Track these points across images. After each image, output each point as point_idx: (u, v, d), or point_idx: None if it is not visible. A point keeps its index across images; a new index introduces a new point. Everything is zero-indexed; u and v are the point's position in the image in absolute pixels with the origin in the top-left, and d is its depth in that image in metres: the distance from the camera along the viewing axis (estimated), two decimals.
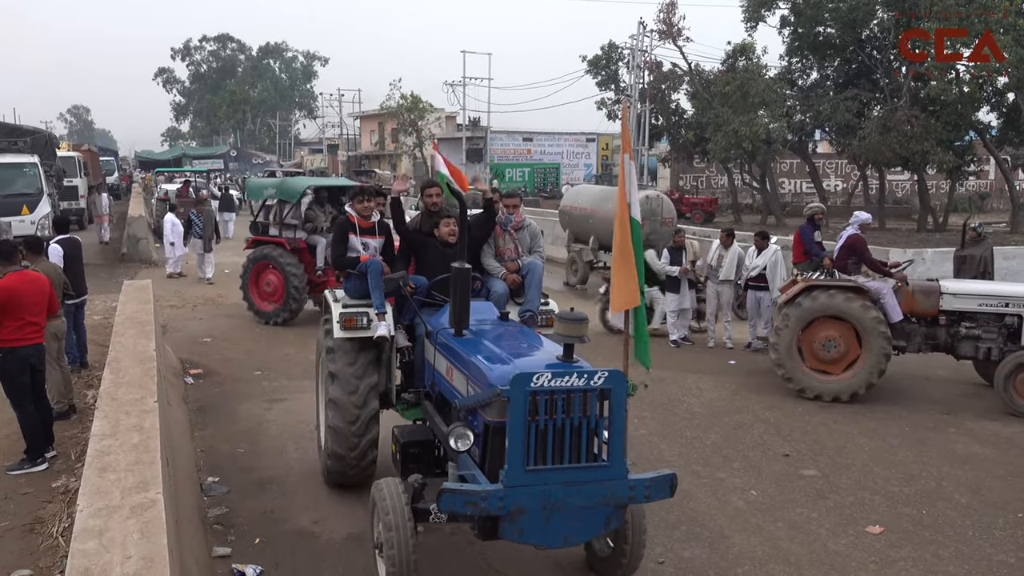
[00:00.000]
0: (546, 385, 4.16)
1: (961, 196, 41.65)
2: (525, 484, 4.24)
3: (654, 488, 4.48)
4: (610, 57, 40.27)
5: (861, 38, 31.68)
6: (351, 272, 6.38)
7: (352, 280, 6.38)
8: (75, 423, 8.09)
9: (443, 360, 5.41)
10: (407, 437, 5.59)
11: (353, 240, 6.49)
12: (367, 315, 6.07)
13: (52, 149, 22.29)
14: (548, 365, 4.44)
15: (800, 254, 11.42)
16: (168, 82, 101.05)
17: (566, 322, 4.47)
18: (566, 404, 4.25)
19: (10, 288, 7.03)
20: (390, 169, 58.60)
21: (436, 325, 5.76)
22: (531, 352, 5.00)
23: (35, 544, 5.62)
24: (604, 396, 4.30)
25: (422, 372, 6.05)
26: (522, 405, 4.15)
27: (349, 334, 6.06)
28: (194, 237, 17.96)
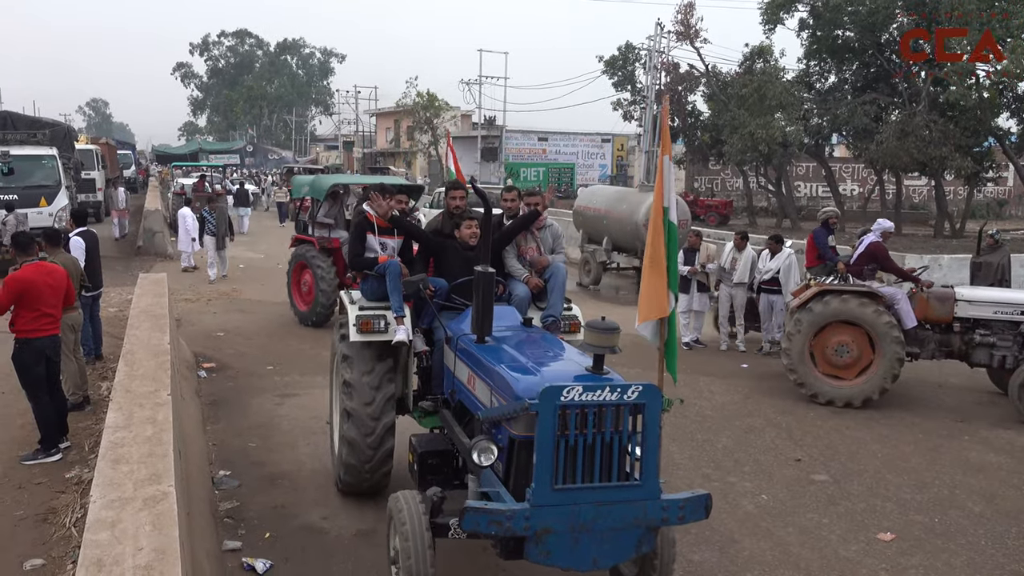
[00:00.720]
0: (577, 399, 3.93)
1: (979, 202, 41.32)
2: (553, 503, 4.00)
3: (688, 509, 4.21)
4: (627, 58, 40.17)
5: (880, 42, 31.47)
6: (368, 273, 6.17)
7: (369, 281, 6.16)
8: (89, 415, 8.16)
9: (464, 368, 5.20)
10: (425, 447, 5.29)
11: (371, 240, 6.26)
12: (384, 318, 5.83)
13: (71, 142, 22.41)
14: (577, 377, 4.23)
15: (813, 258, 11.36)
16: (186, 77, 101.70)
17: (597, 331, 4.24)
18: (597, 419, 4.01)
19: (26, 279, 7.09)
20: (405, 166, 58.71)
21: (457, 331, 5.49)
22: (558, 362, 4.80)
23: (48, 534, 5.67)
24: (637, 411, 4.07)
25: (440, 378, 5.81)
26: (551, 420, 3.92)
27: (366, 338, 5.82)
28: (207, 234, 17.49)
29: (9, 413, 8.10)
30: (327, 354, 11.14)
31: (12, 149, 18.12)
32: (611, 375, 4.26)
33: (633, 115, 41.41)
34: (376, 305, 5.99)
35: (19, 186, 17.43)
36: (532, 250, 6.40)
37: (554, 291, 6.12)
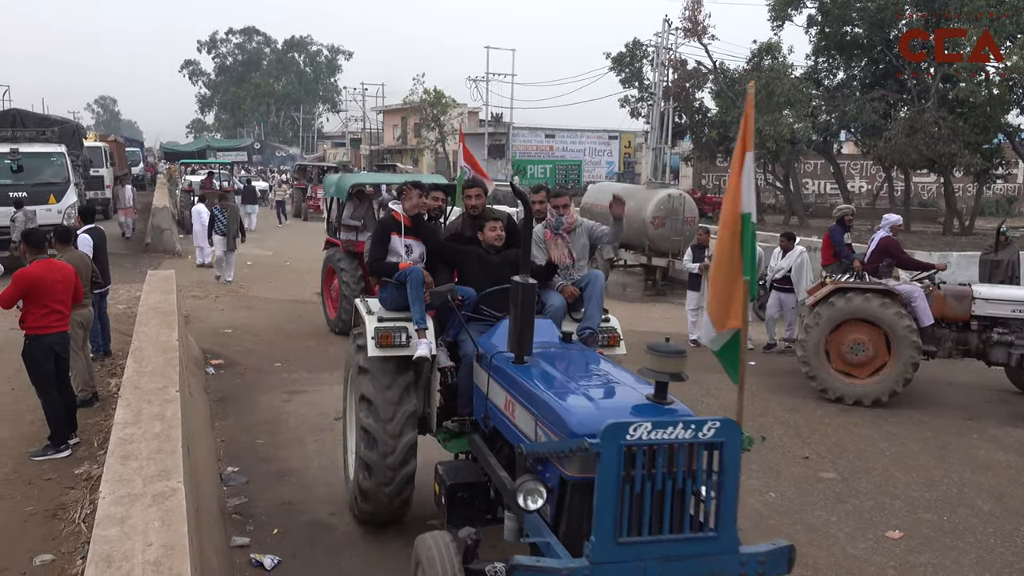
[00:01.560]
0: (645, 438, 3.38)
1: (988, 199, 41.13)
2: (616, 560, 3.44)
3: (770, 564, 3.66)
4: (634, 54, 40.03)
5: (889, 38, 31.30)
6: (388, 280, 5.66)
7: (389, 289, 5.65)
8: (98, 411, 8.19)
9: (500, 391, 4.64)
10: (455, 478, 4.71)
11: (395, 242, 5.74)
12: (406, 331, 5.36)
13: (79, 139, 22.48)
14: (639, 409, 3.75)
15: (829, 256, 11.31)
16: (194, 74, 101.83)
17: (660, 355, 3.72)
18: (668, 461, 3.46)
19: (35, 276, 7.14)
20: (412, 164, 58.73)
21: (489, 347, 4.99)
22: (613, 389, 4.23)
23: (58, 530, 5.70)
24: (713, 450, 3.52)
25: (468, 397, 5.27)
26: (616, 462, 3.37)
27: (385, 352, 5.32)
28: (216, 234, 16.86)
29: (19, 409, 8.14)
30: (334, 351, 11.23)
31: (21, 147, 18.20)
32: (675, 405, 3.80)
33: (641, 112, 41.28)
34: (396, 316, 5.51)
35: (29, 183, 17.51)
36: (565, 258, 5.95)
37: (591, 300, 5.62)
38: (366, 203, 12.55)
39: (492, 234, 5.66)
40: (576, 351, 5.01)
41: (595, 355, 4.96)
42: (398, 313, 5.55)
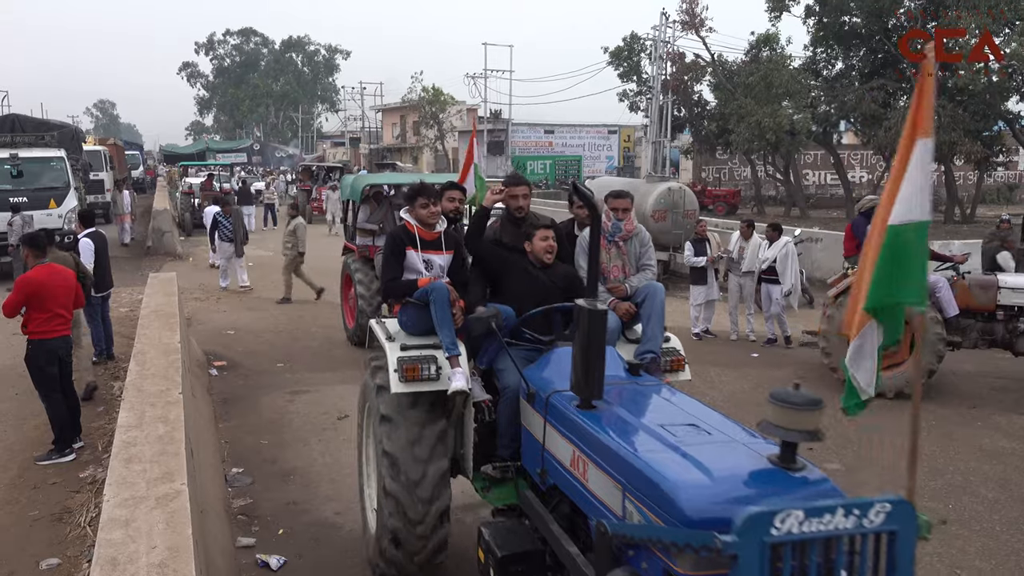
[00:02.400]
0: (796, 531, 2.57)
1: (989, 187, 41.07)
2: None
3: None
4: (632, 48, 40.03)
5: (887, 27, 31.25)
6: (409, 300, 4.81)
7: (409, 311, 4.81)
8: (102, 414, 8.20)
9: (564, 443, 3.77)
10: (507, 547, 3.87)
11: (412, 257, 4.90)
12: (435, 360, 4.52)
13: (78, 143, 22.49)
14: (764, 478, 2.94)
15: (852, 247, 11.23)
16: (192, 76, 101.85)
17: (790, 408, 2.93)
18: (823, 558, 2.66)
19: (38, 281, 7.15)
20: (412, 162, 58.69)
21: (543, 384, 4.14)
22: (722, 448, 3.25)
23: (63, 533, 5.71)
24: (881, 539, 2.75)
25: (510, 438, 4.50)
26: (759, 566, 2.56)
27: (413, 388, 4.48)
28: (221, 240, 16.21)
29: (23, 414, 8.16)
30: (336, 351, 11.26)
31: (21, 152, 18.20)
32: (809, 472, 2.99)
33: (639, 106, 41.27)
34: (421, 343, 4.67)
35: (28, 188, 17.53)
36: (617, 269, 5.21)
37: (651, 319, 4.88)
38: (383, 205, 11.67)
39: (543, 244, 4.88)
40: (651, 387, 4.14)
41: (678, 394, 4.07)
42: (423, 338, 4.71)
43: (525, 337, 4.70)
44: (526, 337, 4.69)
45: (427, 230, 4.96)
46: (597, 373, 3.69)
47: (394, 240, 5.01)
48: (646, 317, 4.89)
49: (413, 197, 5.01)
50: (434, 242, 4.98)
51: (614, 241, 5.21)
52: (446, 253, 5.01)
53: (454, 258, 5.05)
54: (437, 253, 4.97)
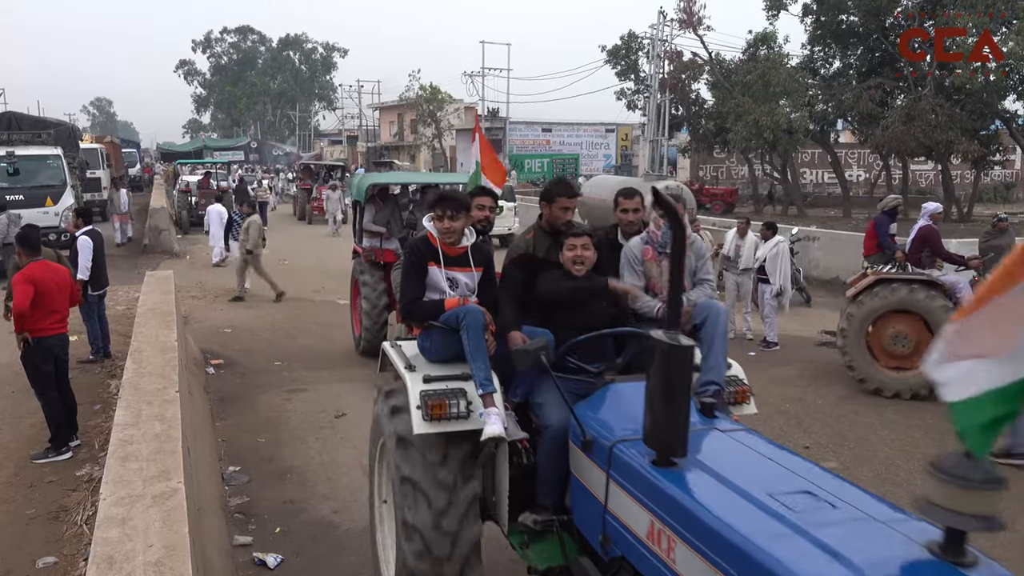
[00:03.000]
0: None
1: (986, 186, 41.13)
2: None
3: None
4: (630, 47, 40.04)
5: (885, 26, 31.29)
6: (433, 325, 4.20)
7: (434, 336, 4.21)
8: (99, 413, 8.19)
9: (637, 509, 3.10)
10: None
11: (434, 274, 4.28)
12: (464, 395, 3.91)
13: (75, 141, 22.50)
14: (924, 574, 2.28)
15: (873, 246, 11.17)
16: (189, 74, 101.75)
17: (962, 486, 2.22)
18: None
19: (36, 278, 7.13)
20: (409, 160, 58.67)
21: (601, 430, 3.49)
22: (857, 528, 2.53)
23: (60, 532, 5.70)
24: None
25: (553, 485, 3.87)
26: None
27: (438, 428, 3.87)
28: (235, 239, 15.64)
29: (19, 412, 8.14)
30: (333, 348, 11.25)
31: (17, 149, 18.20)
32: (982, 567, 2.33)
33: (637, 104, 41.29)
34: (448, 374, 4.04)
35: (25, 186, 17.51)
36: None
37: (714, 344, 4.14)
38: (390, 204, 10.90)
39: (570, 255, 4.26)
40: (735, 433, 3.38)
41: (775, 446, 3.30)
42: (448, 366, 4.11)
43: (568, 366, 3.96)
44: (569, 366, 3.96)
45: (452, 244, 4.31)
46: (680, 424, 2.95)
47: (414, 254, 4.36)
48: (707, 341, 4.14)
49: (432, 207, 4.38)
50: (460, 257, 4.34)
51: (665, 253, 4.44)
52: (474, 270, 4.36)
53: (483, 275, 4.41)
54: (464, 270, 4.34)
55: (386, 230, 10.53)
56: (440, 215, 4.26)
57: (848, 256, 16.03)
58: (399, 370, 4.24)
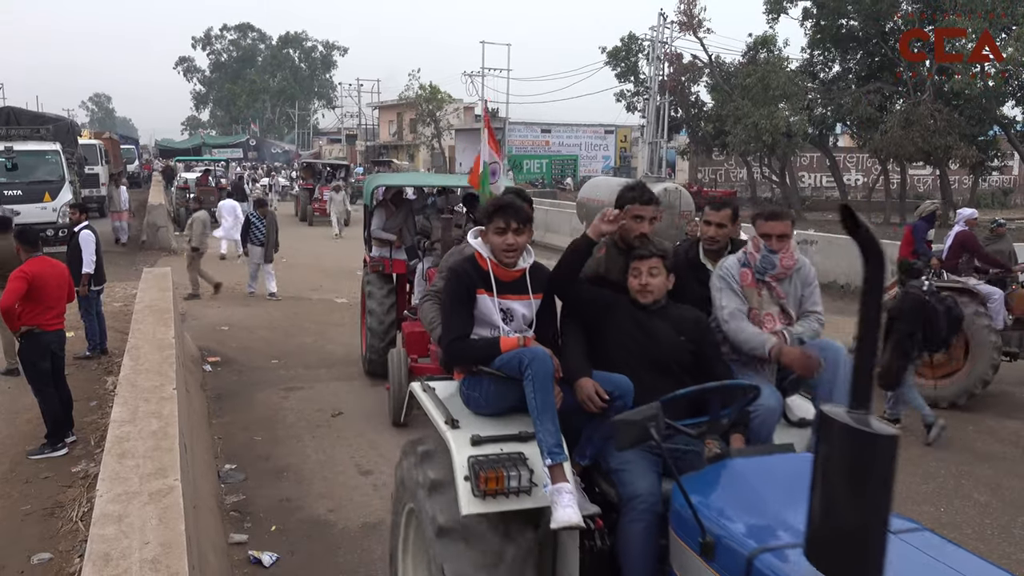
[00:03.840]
0: None
1: (984, 191, 41.21)
2: None
3: None
4: (630, 49, 40.11)
5: (884, 31, 31.37)
6: (484, 371, 3.40)
7: (485, 386, 3.42)
8: (95, 409, 8.18)
9: None
10: None
11: (485, 304, 3.47)
12: (524, 462, 3.11)
13: (74, 137, 22.43)
14: None
15: (908, 252, 10.96)
16: (189, 71, 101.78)
17: None
18: None
19: (35, 273, 7.16)
20: (408, 159, 58.66)
21: (730, 530, 2.63)
22: None
23: (55, 528, 5.69)
24: None
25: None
26: None
27: (493, 507, 3.06)
28: (252, 244, 14.70)
29: (15, 408, 8.13)
30: (331, 347, 11.25)
31: (16, 145, 18.16)
32: None
33: (636, 106, 41.34)
34: (501, 433, 3.27)
35: (23, 182, 17.48)
36: (772, 319, 3.80)
37: (832, 397, 3.39)
38: (402, 209, 9.86)
39: (635, 282, 3.55)
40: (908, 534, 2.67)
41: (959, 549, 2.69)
42: (500, 422, 3.36)
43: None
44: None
45: (506, 266, 3.49)
46: (877, 542, 2.16)
47: (458, 279, 3.51)
48: (826, 390, 3.44)
49: (490, 216, 3.49)
50: (516, 282, 3.52)
51: (765, 280, 3.82)
52: (532, 298, 3.55)
53: (542, 304, 3.60)
54: (520, 298, 3.53)
55: (397, 238, 9.58)
56: (503, 227, 3.42)
57: (845, 260, 16.03)
58: (438, 427, 3.40)
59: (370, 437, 7.56)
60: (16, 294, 6.95)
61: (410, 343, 8.20)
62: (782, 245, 3.80)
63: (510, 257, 3.46)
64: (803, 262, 3.96)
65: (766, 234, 3.82)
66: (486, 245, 3.53)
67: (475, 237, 3.62)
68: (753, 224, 3.91)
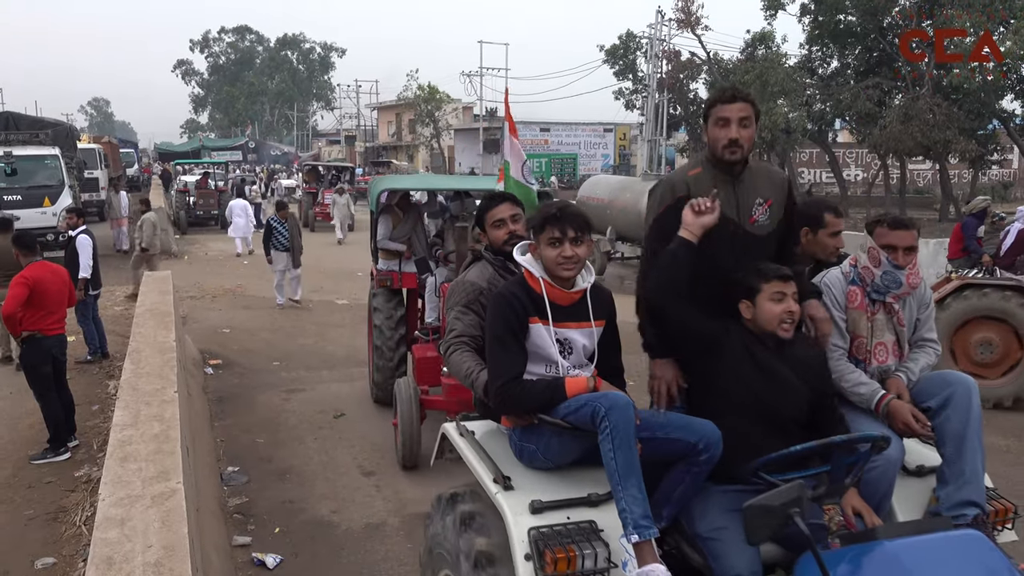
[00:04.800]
0: None
1: (984, 185, 41.18)
2: None
3: None
4: (628, 46, 40.04)
5: (883, 26, 31.32)
6: (545, 419, 2.84)
7: (545, 437, 2.90)
8: (97, 413, 8.18)
9: None
10: None
11: (539, 336, 2.93)
12: (598, 535, 2.60)
13: (73, 141, 22.40)
14: None
15: (958, 250, 10.70)
16: (187, 74, 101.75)
17: None
18: None
19: (36, 278, 7.17)
20: (407, 160, 58.66)
21: None
22: None
23: (59, 533, 5.69)
24: None
25: None
26: None
27: None
28: (276, 250, 13.74)
29: (17, 413, 8.13)
30: (332, 348, 11.24)
31: (15, 149, 18.15)
32: None
33: (635, 104, 41.31)
34: (566, 497, 2.73)
35: (22, 186, 17.47)
36: (884, 348, 3.21)
37: (965, 441, 2.95)
38: (410, 215, 8.78)
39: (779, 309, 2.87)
40: None
41: None
42: (564, 482, 2.86)
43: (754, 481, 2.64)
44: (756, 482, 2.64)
45: (563, 287, 2.96)
46: None
47: (508, 305, 2.94)
48: (954, 436, 2.94)
49: (541, 227, 2.95)
50: (576, 306, 2.98)
51: (885, 300, 3.20)
52: (595, 325, 3.01)
53: (604, 331, 3.08)
54: (580, 326, 2.98)
55: (407, 248, 8.59)
56: (558, 237, 2.87)
57: None
58: (487, 487, 2.84)
59: (372, 439, 7.56)
60: (18, 300, 6.96)
61: (420, 371, 7.18)
62: (909, 259, 3.16)
63: (569, 270, 2.90)
64: (920, 278, 3.30)
65: (890, 245, 3.16)
66: (537, 262, 2.97)
67: (522, 253, 3.07)
68: (869, 233, 3.26)
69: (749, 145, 3.10)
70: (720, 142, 3.11)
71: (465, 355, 3.25)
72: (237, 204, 21.22)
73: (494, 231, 3.61)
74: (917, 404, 3.07)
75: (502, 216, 3.62)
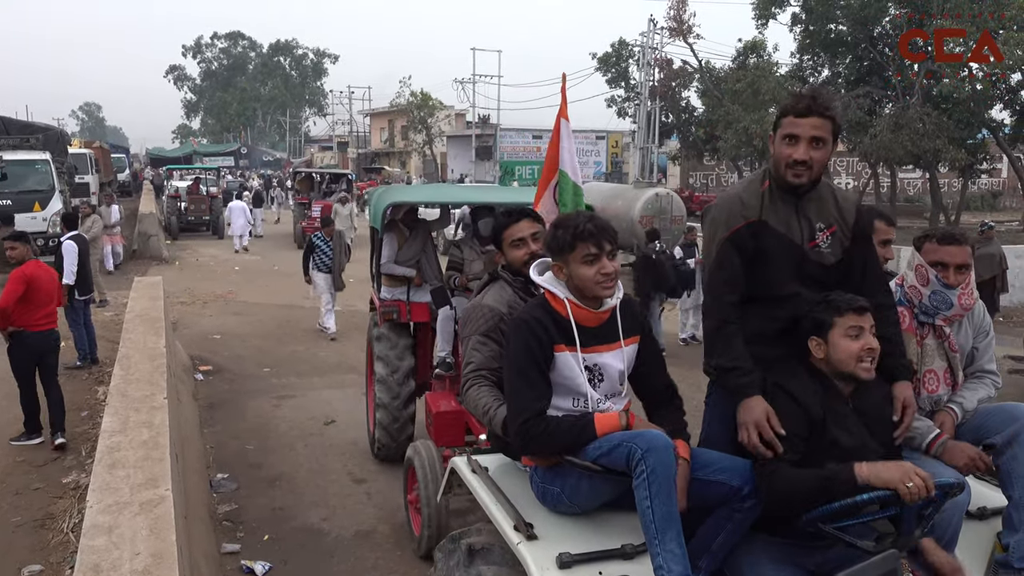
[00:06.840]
0: None
1: (973, 194, 41.43)
2: None
3: None
4: (620, 54, 40.21)
5: (873, 35, 31.54)
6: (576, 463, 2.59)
7: (571, 480, 2.65)
8: (86, 419, 8.14)
9: None
10: None
11: (566, 364, 2.68)
12: None
13: (64, 146, 22.32)
14: None
15: None
16: (179, 79, 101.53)
17: None
18: None
19: (30, 274, 7.34)
20: (400, 166, 58.67)
21: None
22: None
23: (46, 540, 5.65)
24: None
25: None
26: None
27: None
28: (319, 271, 12.07)
29: (6, 419, 8.07)
30: (323, 354, 11.21)
31: (5, 154, 18.06)
32: None
33: (627, 112, 41.43)
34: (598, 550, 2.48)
35: (13, 191, 17.39)
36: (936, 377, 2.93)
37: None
38: (418, 233, 7.32)
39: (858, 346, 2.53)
40: None
41: None
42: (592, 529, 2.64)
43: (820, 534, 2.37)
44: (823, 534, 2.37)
45: (591, 307, 2.70)
46: None
47: (530, 332, 2.66)
48: (1020, 475, 2.65)
49: (571, 244, 2.67)
50: (605, 327, 2.74)
51: (932, 324, 2.93)
52: (625, 344, 2.77)
53: (641, 347, 2.86)
54: (610, 348, 2.73)
55: (416, 273, 7.09)
56: (594, 254, 2.62)
57: None
58: (506, 536, 2.58)
59: (363, 445, 7.54)
60: (14, 295, 7.15)
61: (439, 429, 5.42)
62: (961, 278, 2.87)
63: (608, 288, 2.66)
64: (981, 303, 3.03)
65: (940, 262, 2.87)
66: (560, 282, 2.71)
67: (540, 273, 2.79)
68: (917, 249, 2.96)
69: (820, 168, 2.70)
70: (784, 161, 2.69)
71: (483, 390, 3.00)
72: (236, 206, 23.14)
73: (513, 251, 3.36)
74: (978, 440, 2.77)
75: (522, 235, 3.37)
